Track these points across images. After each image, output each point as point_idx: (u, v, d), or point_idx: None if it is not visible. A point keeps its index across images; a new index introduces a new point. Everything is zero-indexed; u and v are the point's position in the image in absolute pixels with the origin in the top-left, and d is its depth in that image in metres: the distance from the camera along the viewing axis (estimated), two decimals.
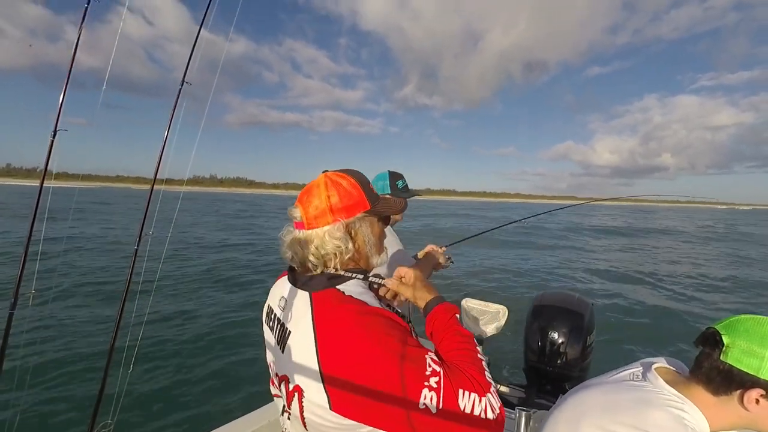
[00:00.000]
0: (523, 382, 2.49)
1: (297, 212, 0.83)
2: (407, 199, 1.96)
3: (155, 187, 2.00)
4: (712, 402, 0.76)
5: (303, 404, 0.74)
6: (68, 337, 4.86)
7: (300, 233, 0.82)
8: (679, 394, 0.79)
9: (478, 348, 0.78)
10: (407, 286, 0.88)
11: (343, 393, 0.68)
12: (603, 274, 10.32)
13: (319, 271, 0.81)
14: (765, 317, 0.77)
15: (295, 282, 0.83)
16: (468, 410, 0.65)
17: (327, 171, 0.87)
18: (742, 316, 0.79)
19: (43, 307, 5.37)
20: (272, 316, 0.86)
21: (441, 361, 0.71)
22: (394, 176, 1.99)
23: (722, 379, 0.75)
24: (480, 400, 0.66)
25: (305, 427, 0.76)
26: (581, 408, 0.86)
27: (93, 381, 3.79)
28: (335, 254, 0.80)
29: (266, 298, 0.93)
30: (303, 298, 0.79)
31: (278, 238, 0.88)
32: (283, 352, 0.78)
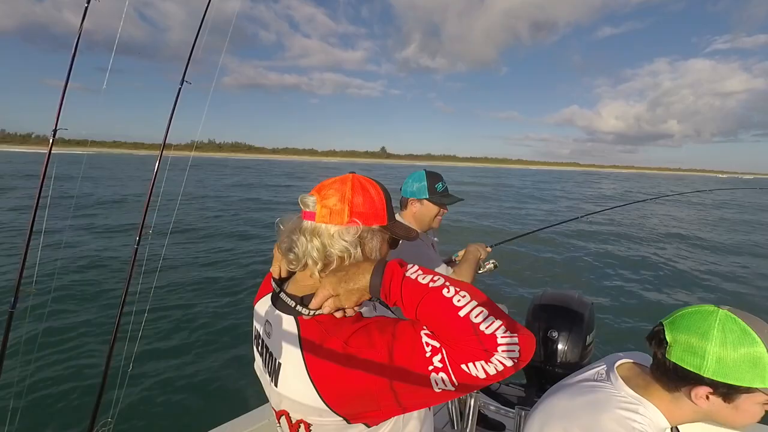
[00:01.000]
0: (523, 381, 2.49)
1: (311, 201, 0.75)
2: (448, 205, 1.84)
3: (156, 187, 2.00)
4: (668, 398, 0.76)
5: (312, 430, 0.71)
6: (68, 335, 4.86)
7: (308, 224, 0.75)
8: (635, 395, 0.78)
9: (449, 280, 0.64)
10: (325, 290, 0.71)
11: (355, 410, 0.67)
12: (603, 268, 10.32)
13: (318, 269, 0.73)
14: (708, 307, 0.73)
15: (279, 306, 0.77)
16: (483, 376, 0.58)
17: (354, 173, 0.82)
18: (688, 308, 0.76)
19: (43, 307, 5.37)
20: (260, 341, 0.81)
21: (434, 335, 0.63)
22: (433, 178, 1.82)
23: (669, 377, 0.74)
24: (489, 363, 0.57)
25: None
26: (546, 412, 0.87)
27: (93, 380, 3.79)
28: (341, 257, 0.73)
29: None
30: (289, 324, 0.73)
31: (275, 224, 0.80)
32: (276, 386, 0.73)
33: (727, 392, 0.69)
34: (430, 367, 0.60)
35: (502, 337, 0.57)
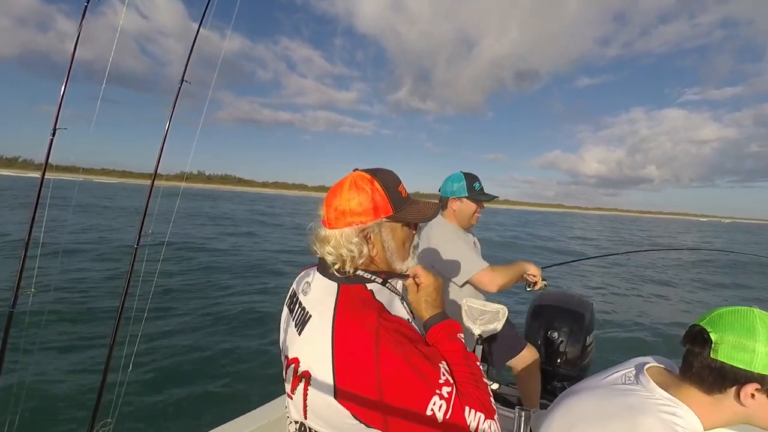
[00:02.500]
0: None
1: (322, 211, 0.85)
2: (484, 202, 1.95)
3: (155, 183, 2.00)
4: (706, 401, 0.75)
5: (308, 391, 0.74)
6: (68, 335, 4.86)
7: (322, 231, 0.84)
8: (672, 397, 0.77)
9: (483, 372, 0.78)
10: (414, 288, 0.87)
11: (350, 385, 0.69)
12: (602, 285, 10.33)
13: (336, 268, 0.81)
14: (743, 307, 0.75)
15: (324, 272, 0.84)
16: (473, 427, 0.66)
17: (357, 169, 0.86)
18: (722, 309, 0.77)
19: (43, 306, 5.37)
20: (294, 299, 0.88)
21: (452, 374, 0.72)
22: (471, 178, 1.91)
23: (715, 377, 0.73)
24: (484, 421, 0.67)
25: (305, 415, 0.76)
26: (573, 414, 0.85)
27: (93, 380, 3.79)
28: (349, 258, 0.80)
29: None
30: (330, 287, 0.80)
31: (307, 230, 0.90)
32: (300, 334, 0.78)
33: None
34: (437, 391, 0.66)
35: (496, 420, 0.70)
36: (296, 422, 0.82)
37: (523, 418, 1.26)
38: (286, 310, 0.91)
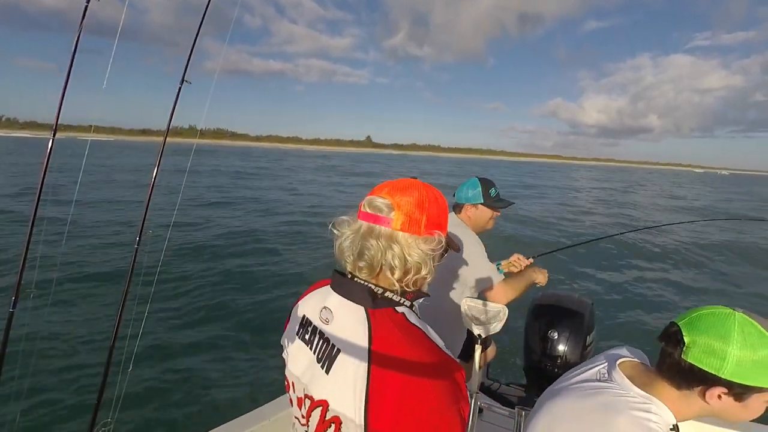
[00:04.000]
0: (523, 382, 2.49)
1: (384, 204, 0.70)
2: (501, 209, 1.95)
3: (156, 178, 2.00)
4: (676, 395, 0.77)
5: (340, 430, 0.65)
6: (68, 335, 4.86)
7: (384, 229, 0.69)
8: (645, 394, 0.78)
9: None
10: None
11: (379, 425, 0.61)
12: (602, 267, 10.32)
13: (396, 277, 0.69)
14: (725, 310, 0.75)
15: (348, 293, 0.71)
16: None
17: (416, 178, 0.78)
18: (703, 310, 0.78)
19: (44, 306, 5.37)
20: (309, 329, 0.75)
21: None
22: (486, 184, 1.90)
23: (683, 377, 0.75)
24: None
25: None
26: (553, 418, 0.86)
27: (93, 380, 3.79)
28: (418, 267, 0.69)
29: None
30: (357, 312, 0.68)
31: (330, 230, 0.74)
32: (327, 373, 0.67)
33: (741, 392, 0.71)
34: None
35: None
36: None
37: (522, 418, 1.26)
38: (299, 342, 0.78)
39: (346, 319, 0.69)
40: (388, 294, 0.70)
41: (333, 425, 0.65)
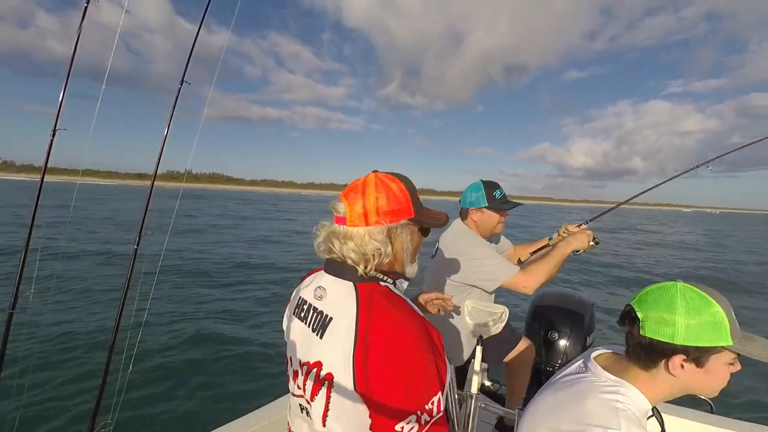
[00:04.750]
0: None
1: (341, 207, 0.82)
2: (508, 211, 1.87)
3: (153, 185, 2.00)
4: (646, 377, 0.79)
5: (331, 393, 0.73)
6: (68, 336, 4.86)
7: (341, 228, 0.81)
8: (616, 378, 0.81)
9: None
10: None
11: (364, 377, 0.70)
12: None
13: (360, 268, 0.79)
14: (667, 283, 0.80)
15: (337, 273, 0.81)
16: None
17: (377, 171, 0.86)
18: (650, 287, 0.82)
19: (44, 307, 5.37)
20: (305, 308, 0.85)
21: (443, 412, 0.70)
22: (490, 186, 1.84)
23: (647, 353, 0.78)
24: None
25: (324, 421, 0.75)
26: (537, 412, 0.88)
27: (93, 381, 3.79)
28: (374, 255, 0.79)
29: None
30: (347, 287, 0.78)
31: (311, 232, 0.87)
32: (321, 338, 0.77)
33: (699, 356, 0.74)
34: (417, 412, 0.66)
35: None
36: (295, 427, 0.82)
37: None
38: (295, 320, 0.87)
39: (337, 293, 0.79)
40: (372, 273, 0.80)
41: (327, 382, 0.74)
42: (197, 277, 8.52)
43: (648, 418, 0.81)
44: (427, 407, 0.67)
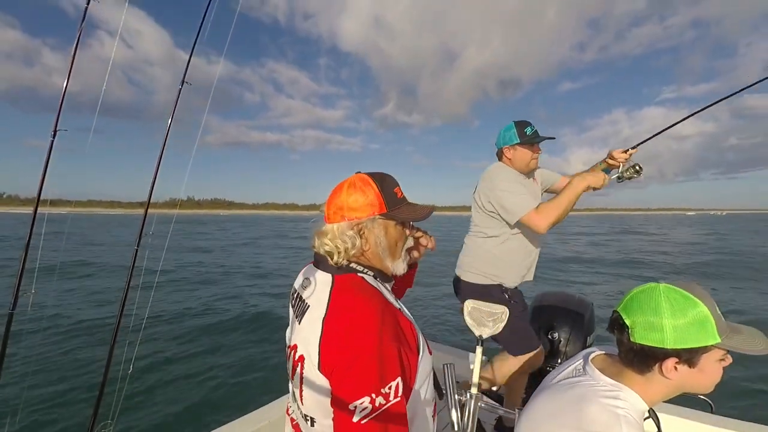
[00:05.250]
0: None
1: (323, 208, 0.93)
2: (539, 143, 1.89)
3: (149, 211, 2.01)
4: (641, 380, 0.79)
5: (303, 373, 0.79)
6: (68, 337, 4.87)
7: (321, 226, 0.91)
8: (614, 382, 0.81)
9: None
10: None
11: (327, 359, 0.75)
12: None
13: (333, 260, 0.87)
14: (650, 285, 0.80)
15: (320, 265, 0.90)
16: None
17: (359, 172, 0.92)
18: (634, 290, 0.82)
19: (44, 307, 5.37)
20: (295, 296, 0.94)
21: (401, 398, 0.72)
22: (521, 124, 1.88)
23: (639, 359, 0.78)
24: None
25: (301, 398, 0.81)
26: (535, 417, 0.88)
27: (93, 381, 3.79)
28: (344, 249, 0.86)
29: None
30: (326, 278, 0.87)
31: (309, 225, 0.97)
32: (300, 323, 0.85)
33: (690, 357, 0.74)
34: (372, 394, 0.69)
35: None
36: (293, 413, 0.88)
37: None
38: (290, 307, 0.96)
39: (317, 283, 0.87)
40: (353, 265, 0.88)
41: (300, 364, 0.80)
42: (202, 277, 8.52)
43: (645, 419, 0.81)
44: (383, 391, 0.70)
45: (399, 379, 0.72)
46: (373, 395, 0.69)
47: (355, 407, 0.68)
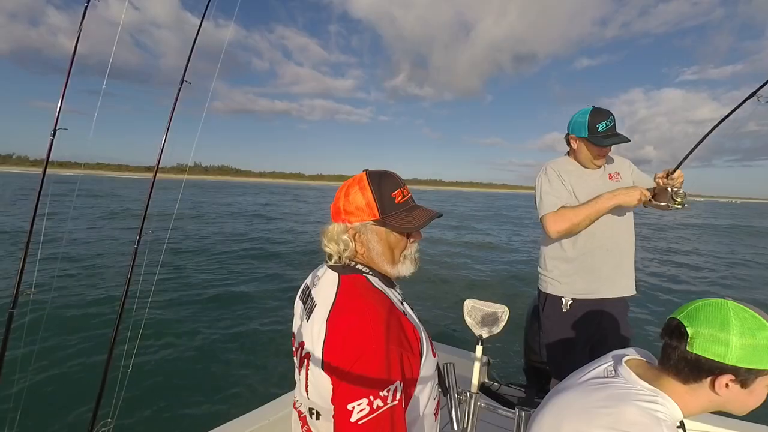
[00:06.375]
0: (523, 382, 2.49)
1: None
2: (609, 146, 1.67)
3: (155, 182, 1.99)
4: (684, 390, 0.78)
5: (309, 369, 0.81)
6: (68, 336, 4.86)
7: (325, 227, 0.93)
8: (652, 387, 0.80)
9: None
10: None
11: (329, 358, 0.76)
12: None
13: (332, 261, 0.90)
14: (718, 300, 0.78)
15: (329, 265, 0.92)
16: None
17: (367, 170, 0.92)
18: (698, 302, 0.80)
19: (43, 307, 5.37)
20: (306, 293, 0.95)
21: (400, 401, 0.72)
22: (597, 115, 1.65)
23: (691, 369, 0.76)
24: None
25: (307, 391, 0.82)
26: (560, 412, 0.86)
27: (93, 381, 3.79)
28: (338, 251, 0.89)
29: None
30: (333, 277, 0.88)
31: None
32: (307, 321, 0.86)
33: (747, 377, 0.73)
34: (370, 397, 0.69)
35: None
36: (300, 406, 0.90)
37: (523, 419, 1.26)
38: (299, 303, 0.97)
39: (325, 282, 0.89)
40: (359, 266, 0.89)
41: (305, 360, 0.82)
42: (202, 275, 8.52)
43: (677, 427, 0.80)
44: (381, 393, 0.70)
45: (398, 383, 0.73)
46: (372, 397, 0.70)
47: (353, 408, 0.69)
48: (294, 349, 0.93)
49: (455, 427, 1.22)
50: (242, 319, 6.01)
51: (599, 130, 1.65)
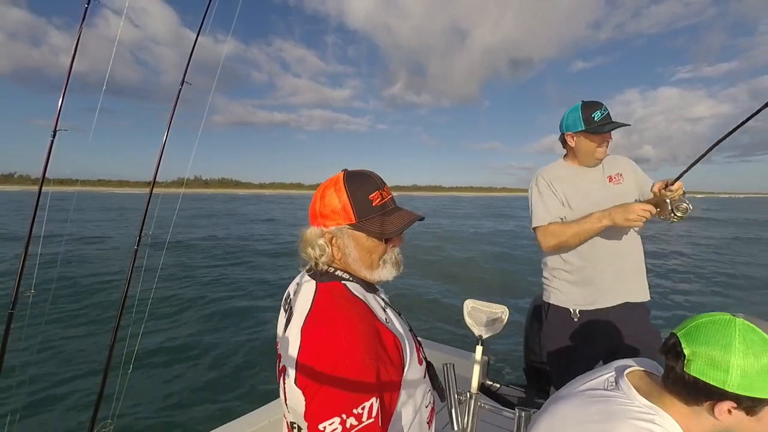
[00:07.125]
0: (523, 382, 2.49)
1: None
2: (610, 131, 1.60)
3: (154, 190, 2.00)
4: (686, 411, 0.72)
5: (286, 382, 0.76)
6: (68, 337, 4.87)
7: (302, 230, 0.88)
8: (652, 405, 0.75)
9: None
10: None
11: (302, 373, 0.72)
12: None
13: (311, 264, 0.86)
14: (724, 316, 0.70)
15: (308, 271, 0.88)
16: None
17: (346, 169, 0.86)
18: (702, 318, 0.73)
19: (43, 307, 5.37)
20: (287, 300, 0.91)
21: (376, 419, 0.69)
22: (589, 107, 1.62)
23: (689, 391, 0.70)
24: None
25: (286, 405, 0.78)
26: (555, 420, 0.84)
27: (93, 381, 3.79)
28: (314, 256, 0.84)
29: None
30: (311, 286, 0.83)
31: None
32: (285, 332, 0.82)
33: (752, 405, 0.66)
34: (342, 415, 0.66)
35: None
36: (287, 416, 0.86)
37: (522, 419, 1.26)
38: (281, 310, 0.93)
39: (304, 291, 0.84)
40: (338, 273, 0.84)
41: (282, 374, 0.78)
42: (202, 276, 8.52)
43: None
44: (355, 411, 0.66)
45: (374, 399, 0.69)
46: (344, 416, 0.66)
47: (324, 428, 0.66)
48: (278, 355, 0.89)
49: (455, 428, 1.21)
50: (243, 320, 6.01)
51: (595, 119, 1.61)
